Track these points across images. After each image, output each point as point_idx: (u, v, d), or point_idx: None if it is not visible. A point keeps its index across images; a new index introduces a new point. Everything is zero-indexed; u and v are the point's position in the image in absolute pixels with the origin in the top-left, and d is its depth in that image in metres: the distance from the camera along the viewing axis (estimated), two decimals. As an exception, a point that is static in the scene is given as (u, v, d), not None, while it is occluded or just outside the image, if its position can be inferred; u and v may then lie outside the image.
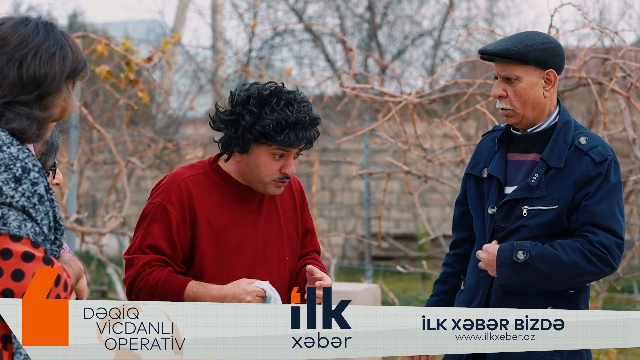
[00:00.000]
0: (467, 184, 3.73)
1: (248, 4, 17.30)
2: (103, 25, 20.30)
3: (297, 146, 3.25)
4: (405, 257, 13.70)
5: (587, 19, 5.87)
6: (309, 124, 3.24)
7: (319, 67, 17.63)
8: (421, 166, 7.83)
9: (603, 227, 3.45)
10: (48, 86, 2.37)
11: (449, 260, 3.83)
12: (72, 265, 2.41)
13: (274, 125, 3.18)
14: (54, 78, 2.37)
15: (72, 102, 2.45)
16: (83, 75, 2.46)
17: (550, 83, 3.53)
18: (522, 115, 3.55)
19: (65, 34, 2.43)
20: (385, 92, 6.57)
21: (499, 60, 3.52)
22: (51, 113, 2.40)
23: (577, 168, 3.49)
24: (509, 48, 3.48)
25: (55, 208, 2.41)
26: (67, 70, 2.40)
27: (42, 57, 2.36)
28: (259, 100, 3.22)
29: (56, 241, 2.41)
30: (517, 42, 3.49)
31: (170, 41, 6.87)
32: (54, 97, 2.40)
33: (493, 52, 3.51)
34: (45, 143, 2.89)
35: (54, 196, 2.41)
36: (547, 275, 3.44)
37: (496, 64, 3.56)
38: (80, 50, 2.47)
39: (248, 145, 3.24)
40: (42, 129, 2.40)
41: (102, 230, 7.24)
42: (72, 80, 2.44)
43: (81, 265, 2.46)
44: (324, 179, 15.02)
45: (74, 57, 2.42)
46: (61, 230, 2.42)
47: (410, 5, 17.81)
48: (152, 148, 10.20)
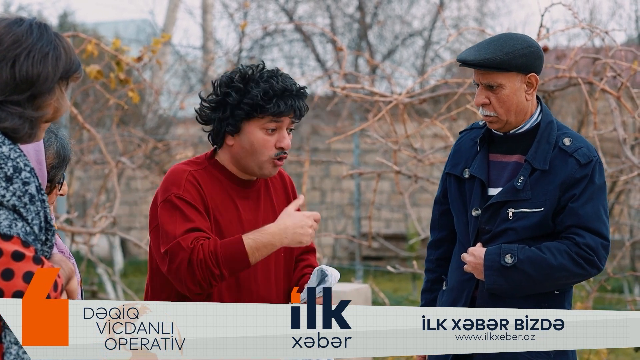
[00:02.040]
0: (448, 184, 3.70)
1: (238, 3, 17.29)
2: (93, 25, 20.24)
3: (288, 115, 3.23)
4: (396, 257, 13.71)
5: (578, 18, 5.88)
6: (296, 93, 3.24)
7: (309, 67, 17.62)
8: (411, 166, 7.84)
9: (589, 229, 3.46)
10: (40, 86, 2.37)
11: (430, 266, 3.80)
12: (63, 266, 2.41)
13: (262, 95, 3.18)
14: (46, 78, 2.38)
15: (65, 103, 2.45)
16: (76, 76, 2.47)
17: (532, 87, 3.52)
18: (505, 121, 3.53)
19: (60, 35, 2.44)
20: (375, 92, 6.57)
21: (480, 69, 3.49)
22: (43, 113, 2.40)
23: (563, 170, 3.48)
24: (490, 58, 3.43)
25: (47, 209, 2.40)
26: (60, 71, 2.40)
27: (35, 57, 2.37)
28: (243, 77, 3.23)
29: (47, 242, 2.41)
30: (497, 50, 3.44)
31: (161, 41, 6.86)
32: (46, 97, 2.40)
33: (474, 62, 3.45)
34: (57, 156, 2.89)
35: (45, 197, 2.41)
36: (535, 279, 3.44)
37: (476, 72, 3.51)
38: (74, 51, 2.48)
39: (239, 123, 3.22)
40: (35, 128, 2.40)
41: (92, 230, 7.22)
42: (65, 81, 2.44)
43: (72, 266, 2.45)
44: (314, 179, 15.02)
45: (68, 58, 2.43)
46: (52, 231, 2.42)
47: (401, 5, 17.82)
48: (143, 148, 10.18)
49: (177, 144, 11.10)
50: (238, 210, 3.29)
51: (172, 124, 12.70)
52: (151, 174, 11.62)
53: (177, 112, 12.13)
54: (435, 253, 3.79)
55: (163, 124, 12.90)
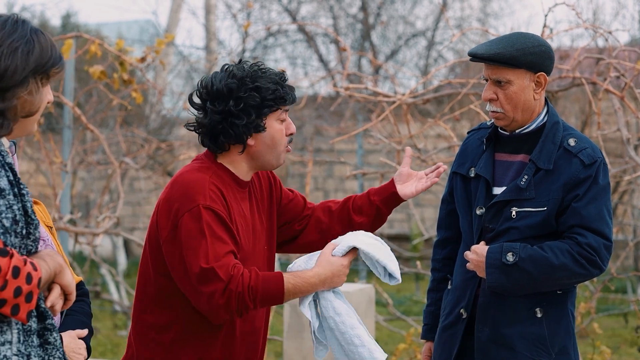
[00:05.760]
0: (454, 183, 3.72)
1: (241, 4, 17.29)
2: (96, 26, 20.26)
3: (295, 100, 3.27)
4: (399, 258, 13.67)
5: (581, 18, 5.87)
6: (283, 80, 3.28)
7: (312, 67, 17.63)
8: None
9: (592, 230, 3.46)
10: (8, 79, 2.39)
11: (436, 266, 3.83)
12: (47, 260, 2.37)
13: (274, 88, 3.19)
14: (14, 72, 2.39)
15: (42, 97, 2.47)
16: (55, 71, 2.48)
17: (541, 86, 3.53)
18: (512, 118, 3.54)
19: (39, 31, 2.47)
20: (379, 92, 6.56)
21: (490, 63, 3.51)
22: (11, 104, 2.41)
23: (567, 170, 3.49)
24: (500, 52, 3.46)
25: (27, 202, 2.39)
26: (31, 65, 2.42)
27: (3, 52, 2.40)
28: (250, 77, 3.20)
29: (29, 235, 2.39)
30: (508, 46, 3.47)
31: (164, 41, 6.85)
32: (16, 91, 2.41)
33: (484, 56, 3.49)
34: None
35: (25, 191, 2.41)
36: (536, 277, 3.44)
37: (486, 67, 3.54)
38: (55, 47, 2.50)
39: (265, 119, 3.21)
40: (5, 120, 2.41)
41: (95, 231, 7.21)
42: (42, 75, 2.46)
43: (60, 260, 2.40)
44: (317, 179, 15.02)
45: (43, 53, 2.45)
46: (34, 224, 2.40)
47: (404, 6, 17.82)
48: (146, 148, 10.17)
49: (181, 145, 11.09)
50: (245, 214, 3.26)
51: (175, 124, 12.69)
52: (154, 174, 11.62)
53: (180, 112, 12.12)
54: (442, 252, 3.81)
55: (166, 125, 12.90)
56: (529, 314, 3.52)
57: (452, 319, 3.64)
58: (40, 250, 2.44)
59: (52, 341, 2.44)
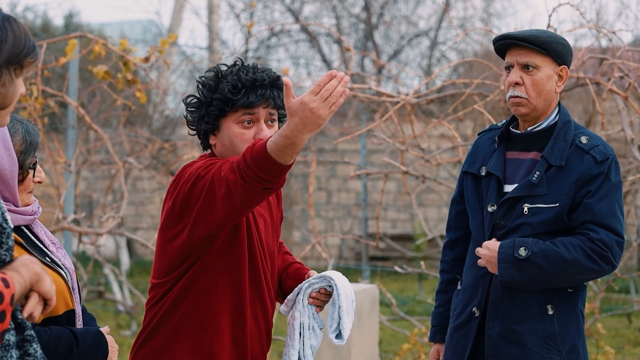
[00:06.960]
0: (465, 183, 3.74)
1: (244, 4, 17.29)
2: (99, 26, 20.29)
3: (260, 105, 3.14)
4: (402, 258, 13.70)
5: (585, 19, 5.87)
6: (269, 83, 3.16)
7: (315, 67, 17.63)
8: (418, 166, 7.82)
9: (604, 225, 3.47)
10: None
11: (445, 267, 3.84)
12: (22, 271, 2.22)
13: (230, 88, 3.13)
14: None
15: (16, 90, 2.34)
16: (30, 61, 2.34)
17: (562, 80, 3.60)
18: (533, 106, 3.57)
19: (12, 19, 2.33)
20: (382, 92, 6.56)
21: (522, 47, 3.55)
22: None
23: (579, 166, 3.51)
24: (535, 35, 3.53)
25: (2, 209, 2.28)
26: (4, 55, 2.29)
27: None
28: (216, 74, 3.19)
29: (2, 244, 2.26)
30: (540, 33, 3.55)
31: (168, 41, 6.84)
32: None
33: (519, 37, 3.54)
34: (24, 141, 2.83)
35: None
36: (548, 272, 3.45)
37: (514, 52, 3.58)
38: (29, 35, 2.36)
39: (216, 120, 3.17)
40: None
41: (99, 231, 7.21)
42: (16, 65, 2.32)
43: (37, 269, 2.26)
44: (320, 179, 15.02)
45: (16, 42, 2.31)
46: (6, 233, 2.27)
47: (407, 6, 17.82)
48: (149, 148, 10.18)
49: (184, 145, 11.09)
50: (263, 213, 3.25)
51: (178, 124, 12.70)
52: (158, 174, 11.63)
53: (183, 112, 12.13)
54: (451, 254, 3.82)
55: (169, 125, 12.91)
56: (541, 310, 3.52)
57: (463, 319, 3.64)
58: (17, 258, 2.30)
59: (32, 352, 2.32)
